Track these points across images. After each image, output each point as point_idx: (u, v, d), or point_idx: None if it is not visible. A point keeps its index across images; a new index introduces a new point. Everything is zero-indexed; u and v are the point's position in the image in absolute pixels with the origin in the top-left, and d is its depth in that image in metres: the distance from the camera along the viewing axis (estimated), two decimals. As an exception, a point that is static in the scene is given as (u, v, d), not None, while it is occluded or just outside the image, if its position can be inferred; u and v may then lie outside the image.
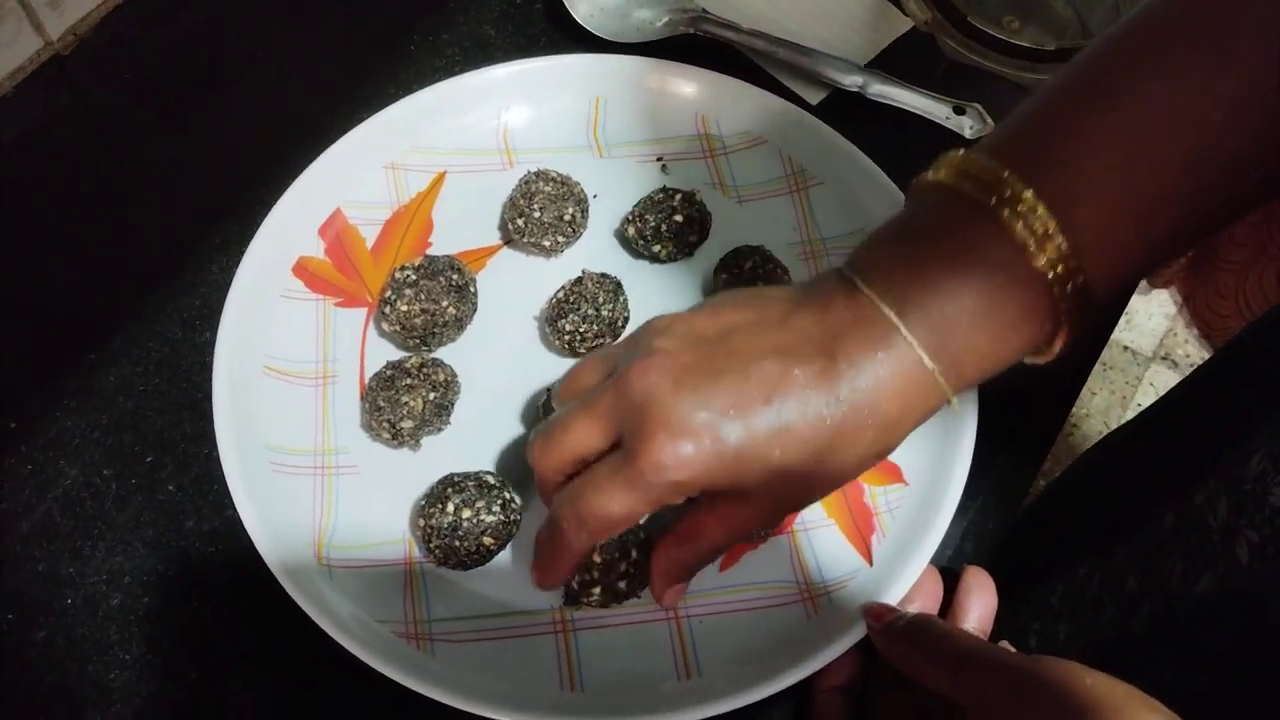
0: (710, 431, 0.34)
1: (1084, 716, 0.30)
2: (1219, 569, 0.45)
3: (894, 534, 0.45)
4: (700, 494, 0.37)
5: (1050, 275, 0.34)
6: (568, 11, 0.59)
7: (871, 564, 0.45)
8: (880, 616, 0.40)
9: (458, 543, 0.42)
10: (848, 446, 0.36)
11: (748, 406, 0.35)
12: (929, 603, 0.42)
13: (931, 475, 0.46)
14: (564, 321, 0.48)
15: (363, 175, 0.53)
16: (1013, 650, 0.36)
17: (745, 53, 0.59)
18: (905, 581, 0.43)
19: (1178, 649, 0.47)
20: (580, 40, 0.58)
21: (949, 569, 0.44)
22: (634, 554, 0.42)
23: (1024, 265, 0.34)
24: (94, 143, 0.55)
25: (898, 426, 0.36)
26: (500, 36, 0.60)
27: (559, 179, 0.51)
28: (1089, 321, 0.36)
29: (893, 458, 0.45)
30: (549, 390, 0.47)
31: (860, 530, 0.46)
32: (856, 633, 0.41)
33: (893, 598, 0.42)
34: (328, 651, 0.40)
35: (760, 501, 0.37)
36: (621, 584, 0.42)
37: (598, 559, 0.42)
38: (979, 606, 0.41)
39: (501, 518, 0.43)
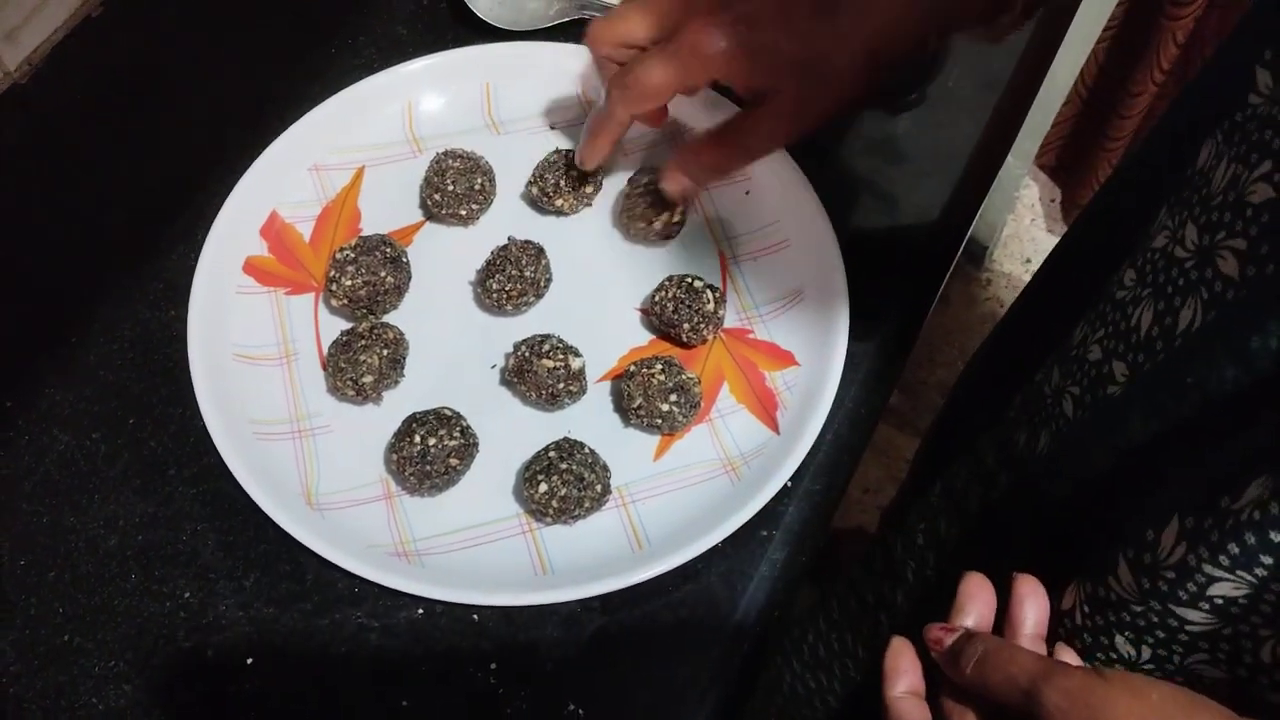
0: (740, 26, 0.45)
1: None
2: (1052, 427, 0.53)
3: (793, 406, 0.54)
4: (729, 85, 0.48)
5: None
6: (469, 8, 0.66)
7: (779, 433, 0.53)
8: (939, 641, 0.40)
9: (428, 467, 0.50)
10: (843, 45, 0.45)
11: (767, 13, 0.45)
12: (984, 611, 0.42)
13: (817, 357, 0.54)
14: (491, 282, 0.56)
15: (291, 179, 0.60)
16: (1078, 663, 0.38)
17: (629, 31, 0.66)
18: (807, 441, 0.51)
19: (1028, 507, 0.54)
20: (483, 32, 0.66)
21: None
22: (587, 501, 0.50)
23: None
24: (56, 157, 0.62)
25: (886, 48, 0.45)
26: (411, 34, 0.67)
27: (465, 155, 0.59)
28: None
29: (785, 344, 0.56)
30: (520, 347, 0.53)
31: (766, 408, 0.54)
32: (771, 489, 0.50)
33: (797, 457, 0.51)
34: (311, 568, 0.48)
35: (788, 101, 0.47)
36: (577, 511, 0.50)
37: (562, 491, 0.49)
38: (1034, 612, 0.41)
39: (462, 441, 0.51)
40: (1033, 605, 0.41)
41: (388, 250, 0.56)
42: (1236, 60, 0.45)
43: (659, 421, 0.52)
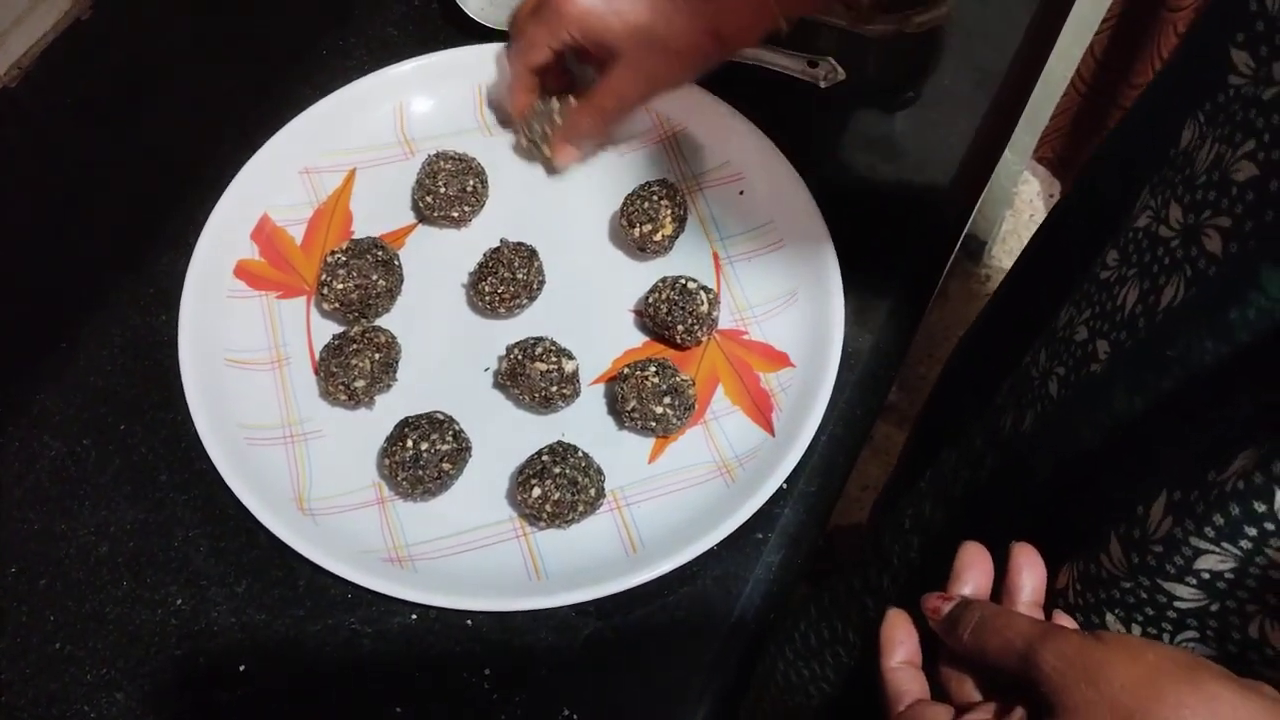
0: None
1: (1153, 688, 0.32)
2: (1037, 407, 0.53)
3: (789, 408, 0.53)
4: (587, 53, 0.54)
5: None
6: (460, 8, 0.65)
7: (774, 435, 0.53)
8: (937, 610, 0.40)
9: (420, 471, 0.50)
10: (685, 20, 0.51)
11: None
12: (981, 580, 0.41)
13: (812, 357, 0.54)
14: (483, 284, 0.55)
15: (282, 182, 0.60)
16: (1073, 626, 0.38)
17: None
18: (802, 443, 0.51)
19: (1013, 486, 0.54)
20: (474, 33, 0.65)
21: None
22: (580, 505, 0.50)
23: None
24: (46, 162, 0.62)
25: (730, 26, 0.51)
26: (402, 35, 0.66)
27: (458, 157, 0.58)
28: None
29: (780, 345, 0.55)
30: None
31: (761, 410, 0.54)
32: (766, 491, 0.50)
33: (793, 459, 0.50)
34: (304, 574, 0.48)
35: (630, 63, 0.54)
36: (571, 515, 0.50)
37: (555, 495, 0.49)
38: (1031, 581, 0.41)
39: (455, 446, 0.50)
40: (1030, 574, 0.41)
41: (379, 253, 0.55)
42: (1208, 43, 0.45)
43: (653, 424, 0.52)
